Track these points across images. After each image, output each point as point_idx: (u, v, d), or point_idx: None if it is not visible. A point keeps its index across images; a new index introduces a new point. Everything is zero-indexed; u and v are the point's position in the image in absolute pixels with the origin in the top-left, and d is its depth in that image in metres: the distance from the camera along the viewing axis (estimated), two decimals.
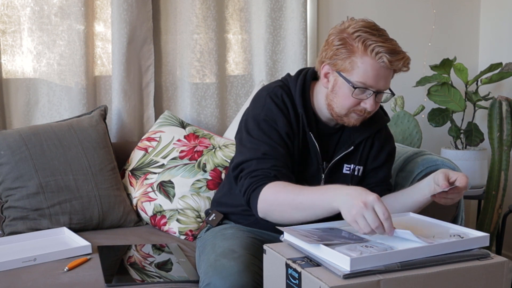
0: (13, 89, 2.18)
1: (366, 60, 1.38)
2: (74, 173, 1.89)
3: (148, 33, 2.27)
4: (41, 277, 1.46)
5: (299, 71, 1.58)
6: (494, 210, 2.43)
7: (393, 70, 1.42)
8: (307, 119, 1.49)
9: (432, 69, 2.50)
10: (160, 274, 1.49)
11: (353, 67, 1.39)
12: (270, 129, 1.45)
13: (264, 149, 1.42)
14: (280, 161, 1.41)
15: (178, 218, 1.91)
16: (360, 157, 1.56)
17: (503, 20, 2.75)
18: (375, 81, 1.39)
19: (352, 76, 1.40)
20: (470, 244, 1.15)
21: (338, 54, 1.41)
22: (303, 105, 1.49)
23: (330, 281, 0.99)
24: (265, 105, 1.48)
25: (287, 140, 1.46)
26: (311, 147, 1.50)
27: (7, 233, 1.79)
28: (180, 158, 2.00)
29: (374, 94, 1.41)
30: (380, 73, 1.39)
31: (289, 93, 1.51)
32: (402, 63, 1.39)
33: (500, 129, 2.36)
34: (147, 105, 2.33)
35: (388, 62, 1.37)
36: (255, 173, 1.39)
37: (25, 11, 2.15)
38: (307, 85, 1.53)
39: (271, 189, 1.35)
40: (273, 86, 1.52)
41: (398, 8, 2.73)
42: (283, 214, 1.33)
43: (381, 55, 1.36)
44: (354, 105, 1.43)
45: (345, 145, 1.54)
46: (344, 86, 1.42)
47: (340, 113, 1.46)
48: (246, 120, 1.51)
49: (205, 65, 2.34)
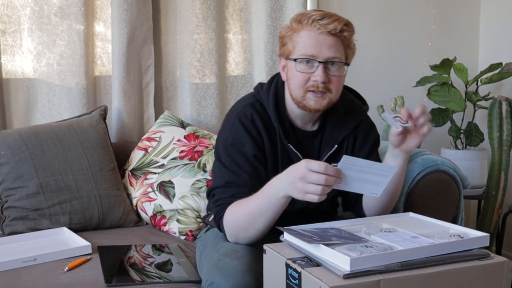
0: (13, 89, 2.18)
1: (303, 33, 1.40)
2: (74, 173, 1.89)
3: (148, 33, 2.27)
4: (41, 277, 1.46)
5: (271, 79, 1.57)
6: (494, 210, 2.43)
7: (337, 37, 1.40)
8: (283, 130, 1.49)
9: (432, 69, 2.50)
10: (160, 274, 1.49)
11: (295, 45, 1.42)
12: (237, 154, 1.46)
13: (227, 178, 1.44)
14: (242, 189, 1.42)
15: (178, 219, 1.91)
16: (346, 154, 1.55)
17: (503, 20, 2.75)
18: (316, 50, 1.39)
19: (295, 53, 1.42)
20: (470, 244, 1.15)
21: (282, 40, 1.45)
22: (278, 117, 1.49)
23: (330, 281, 0.99)
24: (232, 129, 1.49)
25: (255, 163, 1.46)
26: (294, 157, 1.50)
27: (7, 233, 1.79)
28: (180, 158, 2.00)
29: (322, 65, 1.40)
30: (320, 41, 1.39)
31: (260, 109, 1.51)
32: (338, 24, 1.38)
33: (500, 129, 2.36)
34: (147, 105, 2.33)
35: (323, 26, 1.37)
36: (219, 202, 1.44)
37: (25, 11, 2.15)
38: (280, 94, 1.52)
39: (228, 214, 1.39)
40: (243, 106, 1.52)
41: (398, 8, 2.73)
42: (247, 230, 1.37)
43: (315, 23, 1.38)
44: (305, 81, 1.42)
45: (328, 145, 1.54)
46: (291, 66, 1.43)
47: (297, 97, 1.45)
48: (217, 143, 1.54)
49: (205, 65, 2.34)
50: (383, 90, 2.69)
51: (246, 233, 1.38)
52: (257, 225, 1.35)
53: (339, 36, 1.40)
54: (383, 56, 2.72)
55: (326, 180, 1.17)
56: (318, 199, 1.19)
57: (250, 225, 1.36)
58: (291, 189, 1.24)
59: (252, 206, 1.34)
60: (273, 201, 1.30)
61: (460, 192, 1.77)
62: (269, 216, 1.33)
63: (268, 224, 1.35)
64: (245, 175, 1.44)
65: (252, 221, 1.35)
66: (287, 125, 1.51)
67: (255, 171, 1.46)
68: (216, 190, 1.46)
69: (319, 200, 1.19)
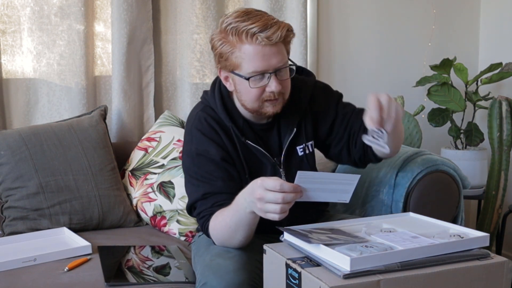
0: (13, 89, 2.18)
1: (246, 48, 1.34)
2: (74, 173, 1.89)
3: (148, 33, 2.27)
4: (41, 277, 1.46)
5: (213, 84, 1.55)
6: (494, 210, 2.43)
7: (280, 43, 1.36)
8: (238, 128, 1.48)
9: (432, 69, 2.50)
10: (158, 278, 1.48)
11: (240, 60, 1.36)
12: (205, 162, 1.45)
13: (203, 189, 1.43)
14: (220, 196, 1.41)
15: (178, 219, 1.91)
16: (306, 133, 1.54)
17: (503, 20, 2.75)
18: (265, 63, 1.35)
19: (243, 69, 1.37)
20: (470, 244, 1.15)
21: (223, 55, 1.39)
22: (229, 117, 1.48)
23: (330, 281, 0.99)
24: (193, 139, 1.48)
25: (224, 165, 1.45)
26: (256, 151, 1.49)
27: (7, 233, 1.79)
28: (180, 158, 2.00)
29: (273, 75, 1.37)
30: (266, 53, 1.34)
31: (212, 112, 1.50)
32: (280, 33, 1.33)
33: (500, 129, 2.36)
34: (147, 105, 2.33)
35: (266, 39, 1.32)
36: (201, 214, 1.44)
37: (25, 11, 2.15)
38: (225, 95, 1.51)
39: (211, 226, 1.40)
40: (195, 113, 1.52)
41: (398, 8, 2.73)
42: (231, 241, 1.38)
43: (256, 36, 1.32)
44: (260, 94, 1.39)
45: (288, 131, 1.52)
46: (241, 82, 1.39)
47: (253, 108, 1.43)
48: (183, 158, 1.52)
49: (205, 65, 2.34)
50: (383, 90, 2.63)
51: (230, 243, 1.39)
52: (238, 237, 1.36)
53: (282, 42, 1.37)
54: (383, 56, 2.72)
55: (283, 198, 1.16)
56: (279, 218, 1.19)
57: (232, 236, 1.36)
58: (253, 208, 1.24)
59: (228, 220, 1.34)
60: (243, 217, 1.30)
61: (460, 192, 1.77)
62: (245, 228, 1.33)
63: (249, 234, 1.36)
64: (219, 182, 1.43)
65: (232, 233, 1.35)
66: (240, 122, 1.49)
67: (227, 174, 1.44)
68: (196, 204, 1.45)
69: (280, 219, 1.19)
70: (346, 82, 2.62)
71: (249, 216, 1.29)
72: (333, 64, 2.61)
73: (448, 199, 1.75)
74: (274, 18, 1.37)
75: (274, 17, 1.38)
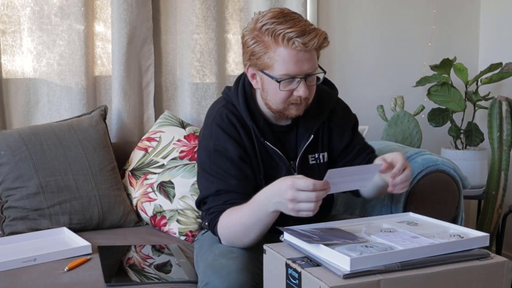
0: (13, 89, 2.18)
1: (281, 51, 1.36)
2: (74, 173, 1.89)
3: (148, 33, 2.27)
4: (41, 277, 1.46)
5: (237, 80, 1.56)
6: (494, 210, 2.43)
7: (314, 50, 1.38)
8: (258, 128, 1.49)
9: (432, 69, 2.50)
10: (159, 276, 1.49)
11: (272, 62, 1.37)
12: (222, 159, 1.45)
13: (216, 186, 1.44)
14: (233, 194, 1.42)
15: (178, 219, 1.91)
16: (322, 144, 1.56)
17: (503, 20, 2.75)
18: (297, 68, 1.37)
19: (274, 70, 1.38)
20: (470, 244, 1.15)
21: (255, 54, 1.40)
22: (251, 116, 1.49)
23: (330, 281, 0.99)
24: (212, 134, 1.48)
25: (241, 165, 1.45)
26: (273, 153, 1.50)
27: (7, 233, 1.79)
28: (180, 158, 2.00)
29: (303, 80, 1.39)
30: (300, 58, 1.36)
31: (234, 109, 1.50)
32: (317, 41, 1.35)
33: (500, 129, 2.36)
34: (147, 105, 2.33)
35: (303, 45, 1.33)
36: (211, 210, 1.44)
37: (25, 11, 2.15)
38: (249, 93, 1.52)
39: (222, 223, 1.40)
40: (217, 109, 1.52)
41: (398, 8, 2.73)
42: (242, 239, 1.38)
43: (293, 40, 1.33)
44: (288, 97, 1.41)
45: (305, 137, 1.54)
46: (270, 82, 1.41)
47: (278, 109, 1.46)
48: (199, 152, 1.53)
49: (205, 65, 2.34)
50: (383, 90, 2.69)
51: (240, 242, 1.39)
52: (251, 235, 1.36)
53: (316, 49, 1.39)
54: (383, 56, 2.72)
55: (317, 196, 1.18)
56: (312, 214, 1.21)
57: (244, 235, 1.37)
58: (281, 208, 1.25)
59: (244, 219, 1.35)
60: (264, 217, 1.31)
61: (460, 192, 1.77)
62: (261, 227, 1.34)
63: (262, 234, 1.36)
64: (233, 180, 1.44)
65: (245, 232, 1.36)
66: (261, 122, 1.50)
67: (242, 174, 1.45)
68: (207, 199, 1.46)
69: (314, 214, 1.21)
70: (346, 82, 2.62)
71: (270, 215, 1.30)
72: (333, 64, 2.61)
73: (448, 199, 1.75)
74: (312, 24, 1.38)
75: (311, 22, 1.39)
